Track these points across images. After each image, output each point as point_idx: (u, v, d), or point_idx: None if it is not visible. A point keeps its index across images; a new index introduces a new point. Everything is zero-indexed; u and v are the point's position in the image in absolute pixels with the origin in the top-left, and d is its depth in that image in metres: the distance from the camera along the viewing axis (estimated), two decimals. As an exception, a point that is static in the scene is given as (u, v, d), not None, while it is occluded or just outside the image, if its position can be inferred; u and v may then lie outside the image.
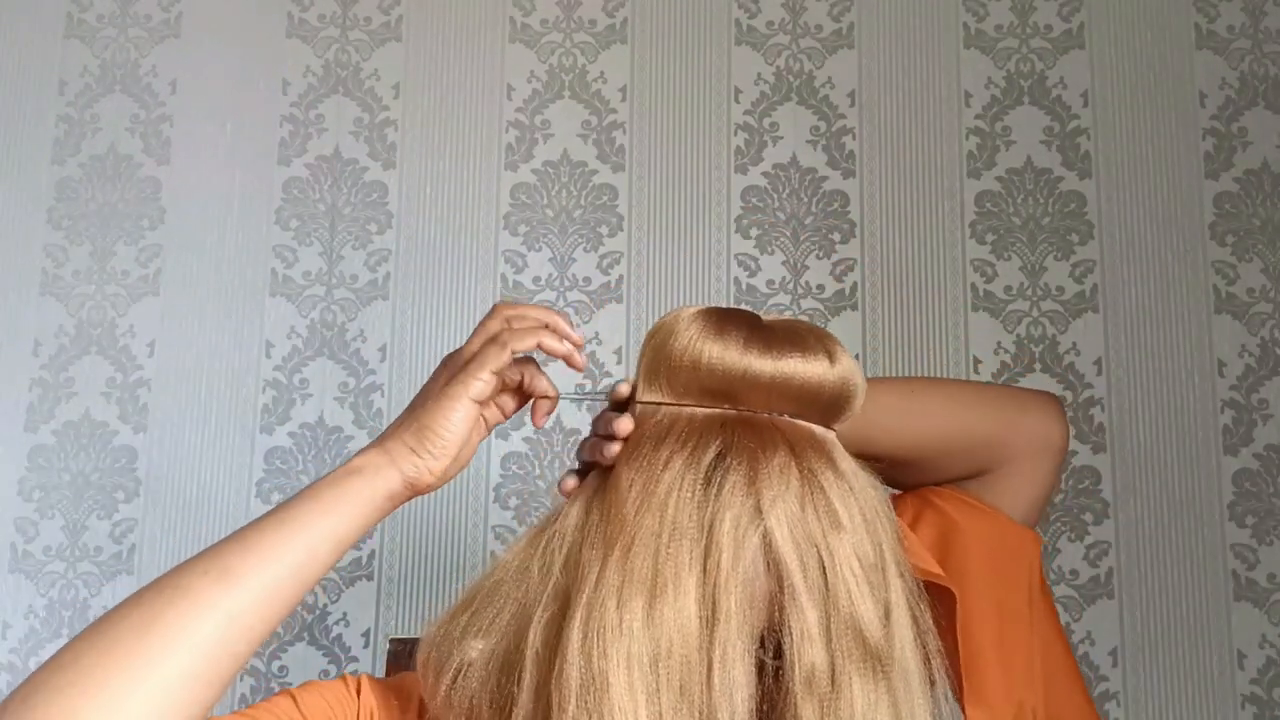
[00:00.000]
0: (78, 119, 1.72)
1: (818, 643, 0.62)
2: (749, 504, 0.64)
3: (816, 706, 0.62)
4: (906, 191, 1.69)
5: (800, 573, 0.63)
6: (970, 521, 0.84)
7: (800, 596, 0.62)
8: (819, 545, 0.64)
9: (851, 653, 0.62)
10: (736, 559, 0.63)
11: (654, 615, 0.61)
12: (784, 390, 0.67)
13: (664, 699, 0.60)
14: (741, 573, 0.63)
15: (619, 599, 0.62)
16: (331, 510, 0.67)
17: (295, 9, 1.75)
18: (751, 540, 0.63)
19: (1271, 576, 1.57)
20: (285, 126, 1.72)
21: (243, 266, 1.68)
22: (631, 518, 0.64)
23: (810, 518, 0.64)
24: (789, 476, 0.65)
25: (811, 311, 1.66)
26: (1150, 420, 1.62)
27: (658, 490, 0.65)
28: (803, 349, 0.68)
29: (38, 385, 1.65)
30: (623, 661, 0.61)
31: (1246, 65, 1.71)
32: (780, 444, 0.66)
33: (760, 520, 0.63)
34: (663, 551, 0.63)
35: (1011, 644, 0.80)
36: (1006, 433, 0.85)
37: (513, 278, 1.68)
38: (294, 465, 1.63)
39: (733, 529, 0.63)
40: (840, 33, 1.74)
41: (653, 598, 0.62)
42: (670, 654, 0.61)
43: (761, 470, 0.64)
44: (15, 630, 1.59)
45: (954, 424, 0.85)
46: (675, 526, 0.63)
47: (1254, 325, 1.64)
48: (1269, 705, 1.54)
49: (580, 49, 1.74)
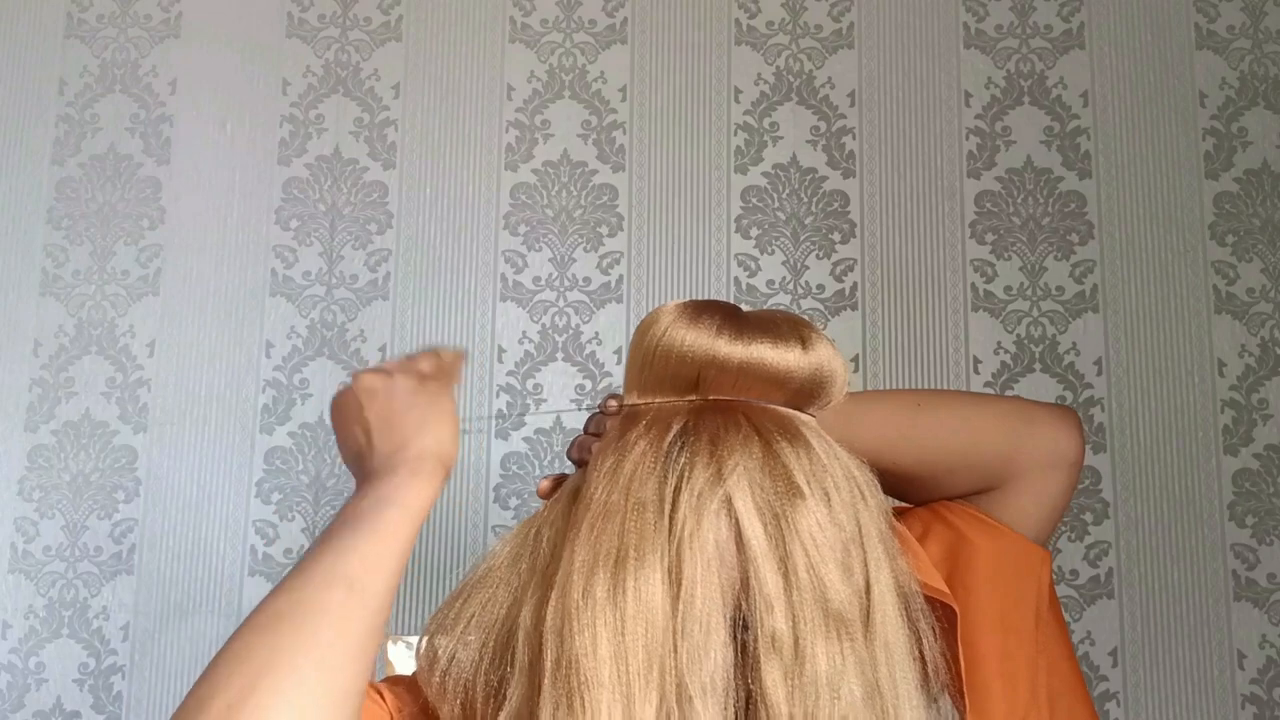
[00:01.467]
0: (78, 119, 1.72)
1: (778, 609, 0.63)
2: (709, 472, 0.65)
3: (781, 672, 0.62)
4: (906, 191, 1.69)
5: (763, 538, 0.64)
6: (979, 537, 0.83)
7: (760, 561, 0.63)
8: (779, 514, 0.64)
9: (814, 619, 0.63)
10: (698, 525, 0.64)
11: (619, 587, 0.63)
12: (754, 375, 0.68)
13: (632, 667, 0.61)
14: (705, 539, 0.64)
15: (586, 574, 0.63)
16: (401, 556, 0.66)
17: (295, 9, 1.75)
18: (711, 506, 0.64)
19: (1271, 576, 1.57)
20: (285, 126, 1.72)
21: (243, 266, 1.68)
22: (598, 497, 0.66)
23: (768, 486, 0.65)
24: (751, 447, 0.66)
25: (811, 311, 1.66)
26: (1150, 420, 1.62)
27: (623, 469, 0.66)
28: (774, 335, 0.69)
29: (38, 385, 1.65)
30: (589, 634, 0.62)
31: (1246, 65, 1.71)
32: (743, 421, 0.68)
33: (721, 485, 0.64)
34: (627, 524, 0.64)
35: (1016, 660, 0.80)
36: (1015, 447, 0.84)
37: (513, 278, 1.68)
38: (294, 465, 1.63)
39: (691, 496, 0.64)
40: (840, 33, 1.74)
41: (617, 570, 0.63)
42: (637, 622, 0.62)
43: (722, 442, 0.66)
44: (15, 630, 1.59)
45: (962, 439, 0.84)
46: (638, 500, 0.65)
47: (1254, 325, 1.64)
48: (1269, 705, 1.54)
49: (580, 49, 1.74)
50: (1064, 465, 0.84)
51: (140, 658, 1.58)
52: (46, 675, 1.58)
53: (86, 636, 1.59)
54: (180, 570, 1.61)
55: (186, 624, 1.59)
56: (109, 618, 1.59)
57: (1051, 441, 0.85)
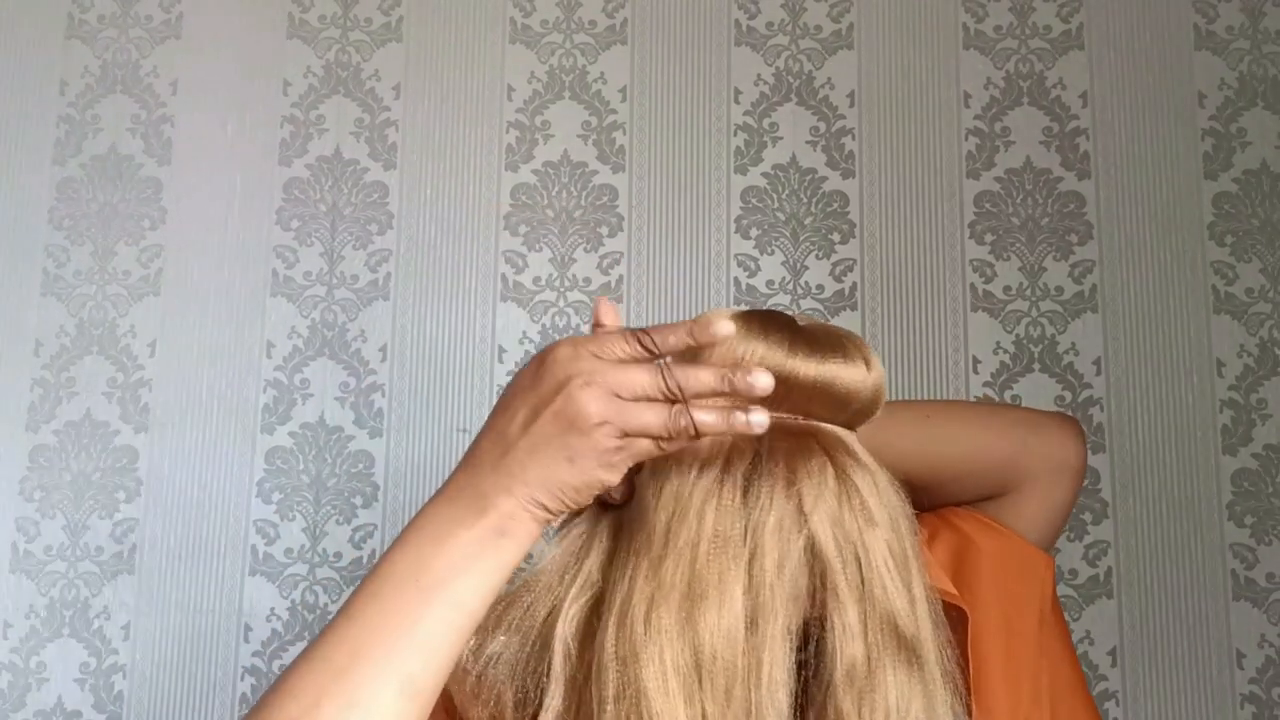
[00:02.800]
0: (79, 119, 1.73)
1: (857, 637, 0.63)
2: (790, 506, 0.64)
3: (855, 698, 0.63)
4: (906, 192, 1.69)
5: (841, 570, 0.64)
6: (984, 540, 0.84)
7: (842, 593, 0.63)
8: (856, 542, 0.65)
9: (887, 645, 0.64)
10: (783, 562, 0.63)
11: (694, 621, 0.62)
12: (825, 394, 0.68)
13: (709, 704, 0.61)
14: (788, 574, 0.63)
15: (649, 606, 0.62)
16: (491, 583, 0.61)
17: (296, 10, 1.76)
18: (797, 543, 0.64)
19: (1271, 576, 1.58)
20: (286, 127, 1.73)
21: (244, 267, 1.69)
22: (662, 528, 0.64)
23: (847, 516, 0.65)
24: (825, 476, 0.65)
25: (811, 312, 1.66)
26: (1149, 420, 1.62)
27: (693, 500, 0.64)
28: (844, 353, 0.69)
29: (39, 385, 1.65)
30: (657, 668, 0.61)
31: (1246, 66, 1.71)
32: (815, 446, 0.67)
33: (804, 522, 0.64)
34: (701, 560, 0.63)
35: (1019, 663, 0.80)
36: (1021, 455, 0.85)
37: (513, 278, 1.68)
38: (295, 465, 1.63)
39: (777, 532, 0.63)
40: (840, 33, 1.74)
41: (692, 605, 0.62)
42: (715, 658, 0.61)
43: (800, 472, 0.65)
44: (16, 630, 1.59)
45: (969, 448, 0.86)
46: (716, 534, 0.63)
47: (1253, 325, 1.64)
48: (1268, 705, 1.54)
49: (580, 50, 1.74)
50: (1068, 472, 0.86)
51: (141, 657, 1.58)
52: (48, 675, 1.58)
53: (87, 636, 1.59)
54: (181, 570, 1.61)
55: (187, 624, 1.59)
56: (110, 617, 1.59)
57: (1058, 448, 0.86)
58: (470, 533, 0.60)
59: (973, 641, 0.78)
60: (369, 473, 1.61)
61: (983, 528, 0.85)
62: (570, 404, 0.59)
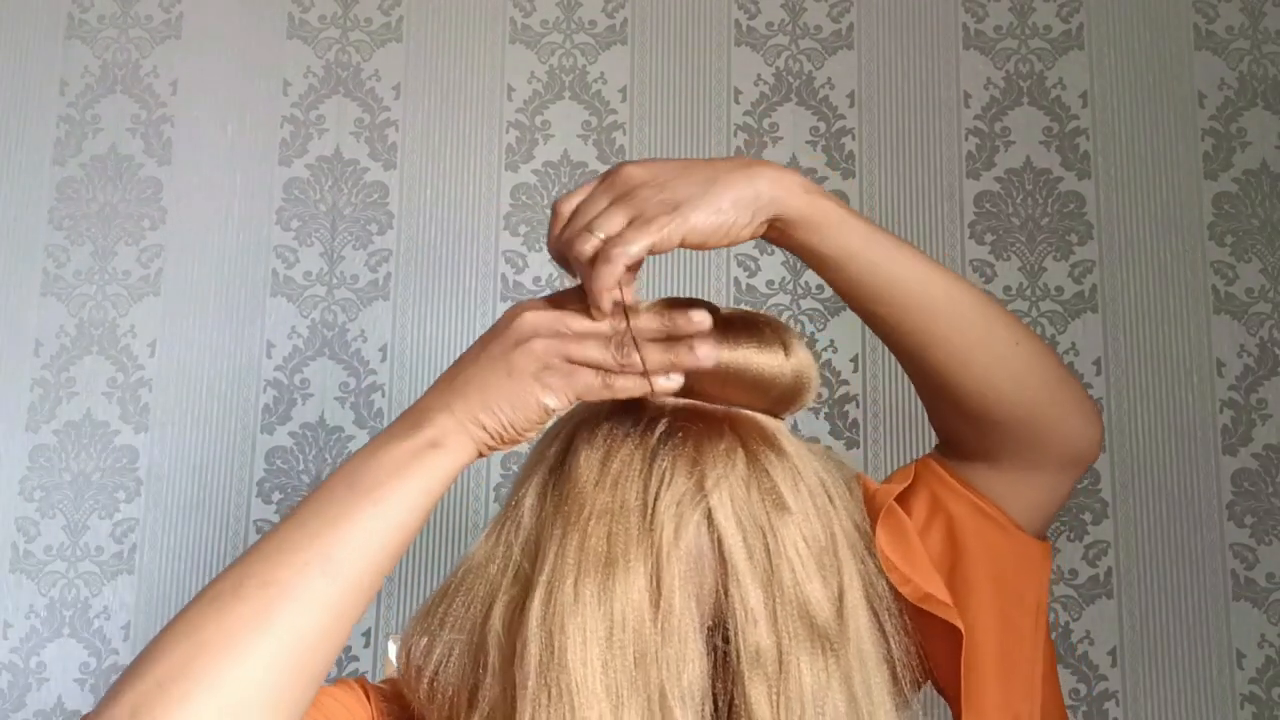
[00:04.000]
0: (79, 119, 1.73)
1: (762, 624, 0.63)
2: (691, 483, 0.64)
3: (765, 687, 0.62)
4: (906, 191, 1.69)
5: (744, 553, 0.63)
6: (982, 530, 0.80)
7: (744, 577, 0.63)
8: (764, 527, 0.64)
9: (798, 634, 0.63)
10: (677, 537, 0.63)
11: (607, 591, 0.62)
12: (738, 380, 0.68)
13: (619, 673, 0.61)
14: (684, 551, 0.63)
15: (576, 575, 0.63)
16: (421, 488, 0.62)
17: (296, 10, 1.76)
18: (693, 517, 0.64)
19: (1270, 576, 1.58)
20: (286, 127, 1.73)
21: (244, 267, 1.69)
22: (589, 495, 0.65)
23: (755, 500, 0.65)
24: (734, 459, 0.66)
25: (811, 312, 1.66)
26: (1149, 420, 1.62)
27: (611, 467, 0.66)
28: (759, 339, 0.69)
29: (39, 385, 1.65)
30: (579, 636, 0.61)
31: (1246, 66, 1.71)
32: (726, 430, 0.67)
33: (703, 498, 0.64)
34: (615, 527, 0.64)
35: (1013, 659, 0.79)
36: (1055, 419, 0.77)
37: (513, 278, 1.68)
38: (295, 465, 1.63)
39: (673, 506, 0.64)
40: (840, 33, 1.74)
41: (607, 574, 0.63)
42: (624, 628, 0.62)
43: (706, 452, 0.65)
44: (16, 630, 1.59)
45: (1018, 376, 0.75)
46: (623, 504, 0.64)
47: (1253, 325, 1.64)
48: (1268, 705, 1.54)
49: (580, 50, 1.74)
50: (1083, 464, 0.81)
51: (141, 657, 1.58)
52: (48, 675, 1.58)
53: (88, 636, 1.59)
54: (181, 570, 1.61)
55: (187, 623, 1.59)
56: (110, 617, 1.59)
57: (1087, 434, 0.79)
58: (405, 444, 0.62)
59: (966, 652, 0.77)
60: (369, 473, 1.61)
61: (980, 515, 0.80)
62: (516, 329, 0.63)
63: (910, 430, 1.62)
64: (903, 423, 1.63)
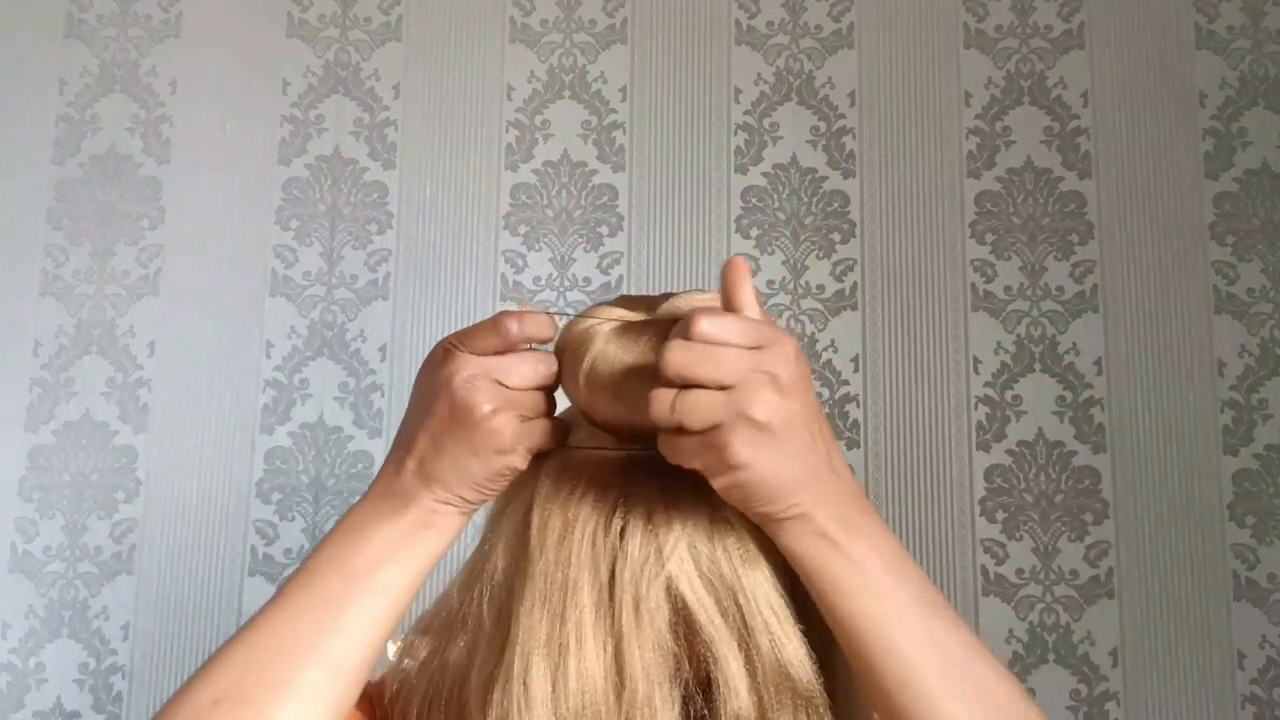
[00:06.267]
0: (78, 119, 1.72)
1: (743, 692, 0.58)
2: (650, 549, 0.59)
3: None
4: (906, 191, 1.69)
5: (718, 618, 0.59)
6: None
7: (719, 647, 0.58)
8: (733, 586, 0.59)
9: (782, 699, 0.58)
10: (636, 610, 0.59)
11: (560, 678, 0.58)
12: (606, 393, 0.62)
13: None
14: (646, 625, 0.59)
15: (526, 661, 0.59)
16: (416, 570, 0.62)
17: (295, 9, 1.75)
18: (653, 589, 0.59)
19: (1271, 576, 1.57)
20: (285, 126, 1.72)
21: (243, 266, 1.68)
22: (541, 567, 0.61)
23: (720, 555, 0.59)
24: (697, 513, 0.60)
25: (811, 311, 1.66)
26: (1150, 420, 1.62)
27: (571, 535, 0.61)
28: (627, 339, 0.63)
29: (38, 385, 1.65)
30: None
31: (1246, 65, 1.71)
32: (686, 484, 0.59)
33: (661, 564, 0.59)
34: (568, 606, 0.59)
35: None
36: None
37: (513, 278, 1.68)
38: (294, 465, 1.63)
39: (633, 582, 0.59)
40: (840, 33, 1.74)
41: (560, 659, 0.59)
42: (583, 710, 0.58)
43: (660, 510, 0.60)
44: (15, 630, 1.59)
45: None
46: (576, 581, 0.59)
47: (1254, 325, 1.64)
48: (1269, 705, 1.54)
49: (580, 49, 1.74)
50: None
51: (140, 658, 1.58)
52: (47, 675, 1.58)
53: (86, 636, 1.59)
54: (180, 570, 1.61)
55: (187, 624, 1.59)
56: (109, 618, 1.59)
57: None
58: (394, 525, 0.61)
59: None
60: (368, 473, 1.61)
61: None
62: (456, 402, 0.59)
63: (910, 430, 1.62)
64: (903, 423, 1.62)
